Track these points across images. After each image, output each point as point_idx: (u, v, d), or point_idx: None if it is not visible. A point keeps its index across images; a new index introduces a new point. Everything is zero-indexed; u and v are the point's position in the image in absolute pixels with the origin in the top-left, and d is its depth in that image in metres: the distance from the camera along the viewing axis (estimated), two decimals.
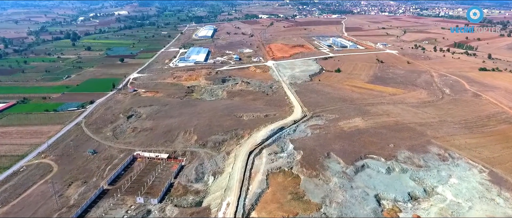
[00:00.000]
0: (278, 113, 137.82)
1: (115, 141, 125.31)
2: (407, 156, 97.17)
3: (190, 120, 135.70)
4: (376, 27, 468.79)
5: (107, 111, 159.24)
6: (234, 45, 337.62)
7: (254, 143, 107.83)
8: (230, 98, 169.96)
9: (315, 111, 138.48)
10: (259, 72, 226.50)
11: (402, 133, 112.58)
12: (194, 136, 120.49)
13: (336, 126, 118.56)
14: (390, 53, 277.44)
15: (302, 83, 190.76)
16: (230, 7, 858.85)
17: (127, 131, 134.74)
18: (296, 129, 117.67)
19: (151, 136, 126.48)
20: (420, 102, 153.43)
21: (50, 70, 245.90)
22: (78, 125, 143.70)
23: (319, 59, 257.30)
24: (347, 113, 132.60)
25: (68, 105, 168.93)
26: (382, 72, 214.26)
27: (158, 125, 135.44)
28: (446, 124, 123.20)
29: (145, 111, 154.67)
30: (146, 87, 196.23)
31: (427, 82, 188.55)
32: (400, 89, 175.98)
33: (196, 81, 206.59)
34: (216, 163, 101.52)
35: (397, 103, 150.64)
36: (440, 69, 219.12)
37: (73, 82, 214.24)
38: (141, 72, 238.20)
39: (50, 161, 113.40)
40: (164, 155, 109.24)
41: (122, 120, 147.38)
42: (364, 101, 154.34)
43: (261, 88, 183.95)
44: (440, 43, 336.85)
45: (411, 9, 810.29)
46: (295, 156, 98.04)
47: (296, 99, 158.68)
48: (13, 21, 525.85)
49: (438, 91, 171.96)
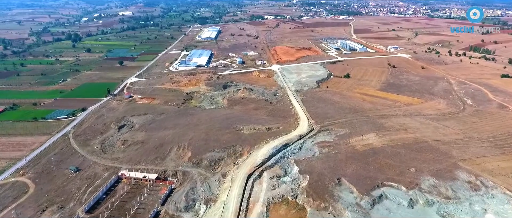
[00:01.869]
0: (282, 126, 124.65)
1: (101, 156, 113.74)
2: (432, 184, 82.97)
3: (185, 132, 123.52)
4: (386, 29, 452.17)
5: (99, 120, 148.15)
6: (238, 48, 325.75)
7: (254, 164, 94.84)
8: (231, 106, 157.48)
9: (323, 124, 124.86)
10: (263, 77, 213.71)
11: (423, 154, 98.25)
12: (187, 153, 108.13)
13: (348, 144, 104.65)
14: (402, 57, 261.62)
15: (308, 90, 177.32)
16: (235, 7, 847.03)
17: (116, 144, 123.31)
18: (301, 147, 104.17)
19: (141, 151, 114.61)
20: (440, 114, 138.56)
21: (46, 73, 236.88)
22: (66, 136, 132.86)
23: (327, 63, 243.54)
24: (359, 128, 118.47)
25: (58, 113, 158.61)
26: (395, 79, 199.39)
27: (150, 138, 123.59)
28: (473, 142, 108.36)
29: (139, 120, 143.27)
30: (143, 93, 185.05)
31: (445, 90, 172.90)
32: (416, 98, 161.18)
33: (195, 86, 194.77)
34: (209, 187, 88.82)
35: (414, 115, 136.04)
36: (458, 75, 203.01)
37: (67, 87, 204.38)
38: (140, 76, 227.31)
39: (27, 179, 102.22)
40: (153, 175, 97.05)
41: (113, 130, 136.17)
42: (377, 112, 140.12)
43: (264, 95, 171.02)
44: (454, 46, 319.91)
45: (421, 10, 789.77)
46: (300, 182, 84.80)
47: (302, 109, 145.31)
48: (16, 22, 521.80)
49: (458, 101, 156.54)
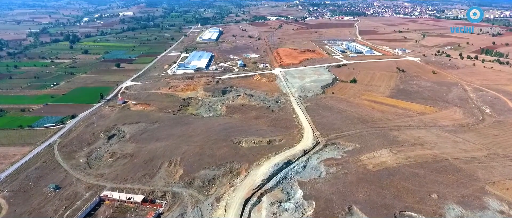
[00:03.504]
0: (285, 139, 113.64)
1: (86, 172, 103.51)
2: (458, 215, 71.77)
3: (179, 145, 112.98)
4: (392, 30, 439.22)
5: (88, 128, 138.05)
6: (239, 49, 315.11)
7: (252, 186, 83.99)
8: (230, 114, 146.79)
9: (330, 136, 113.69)
10: (264, 81, 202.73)
11: (445, 175, 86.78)
12: (179, 170, 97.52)
13: (358, 162, 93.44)
14: (411, 61, 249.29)
15: (313, 97, 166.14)
16: (238, 8, 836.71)
17: (103, 157, 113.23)
18: (306, 165, 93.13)
19: (129, 166, 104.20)
20: (457, 125, 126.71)
21: (39, 76, 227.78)
22: (51, 146, 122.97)
23: (332, 67, 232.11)
24: (369, 142, 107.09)
25: (46, 120, 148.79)
26: (404, 84, 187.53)
27: (140, 151, 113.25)
28: (499, 161, 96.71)
29: (130, 130, 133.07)
30: (138, 98, 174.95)
31: (460, 98, 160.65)
32: (429, 107, 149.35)
33: (193, 91, 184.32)
34: (201, 213, 78.12)
35: (429, 127, 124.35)
36: (473, 81, 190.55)
37: (60, 91, 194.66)
38: (136, 79, 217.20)
39: (2, 198, 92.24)
40: (139, 197, 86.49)
41: (102, 141, 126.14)
42: (388, 122, 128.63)
43: (266, 102, 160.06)
44: (464, 49, 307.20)
45: (427, 10, 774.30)
46: (305, 209, 73.95)
47: (306, 118, 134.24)
48: (16, 22, 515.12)
49: (476, 110, 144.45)
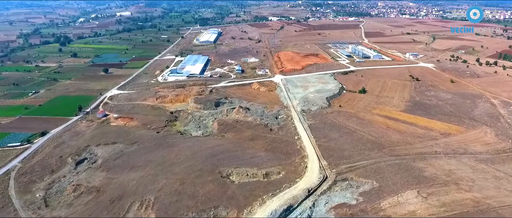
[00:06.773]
0: (285, 171, 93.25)
1: (38, 213, 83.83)
2: None
3: (155, 178, 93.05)
4: (399, 32, 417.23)
5: (56, 150, 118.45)
6: (238, 53, 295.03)
7: None
8: (221, 133, 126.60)
9: (340, 168, 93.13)
10: (263, 91, 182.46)
11: None
12: (151, 215, 77.46)
13: (379, 212, 72.65)
14: (425, 67, 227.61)
15: (317, 111, 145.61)
16: (239, 8, 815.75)
17: (65, 191, 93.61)
18: (311, 213, 72.65)
19: (92, 206, 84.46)
20: (493, 152, 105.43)
21: (19, 82, 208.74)
22: (7, 175, 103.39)
23: (338, 74, 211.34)
24: (390, 179, 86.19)
25: (12, 138, 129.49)
26: (421, 96, 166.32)
27: (109, 184, 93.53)
28: None
29: (104, 152, 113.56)
30: (120, 111, 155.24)
31: (489, 114, 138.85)
32: (453, 125, 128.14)
33: (183, 103, 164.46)
34: None
35: (459, 154, 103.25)
36: (499, 92, 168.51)
37: (37, 101, 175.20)
38: (123, 87, 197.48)
39: None
40: None
41: (68, 168, 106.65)
42: (409, 148, 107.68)
43: (263, 118, 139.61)
44: (480, 53, 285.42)
45: (433, 11, 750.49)
46: None
47: (310, 140, 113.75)
48: (8, 22, 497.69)
49: (511, 131, 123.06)
